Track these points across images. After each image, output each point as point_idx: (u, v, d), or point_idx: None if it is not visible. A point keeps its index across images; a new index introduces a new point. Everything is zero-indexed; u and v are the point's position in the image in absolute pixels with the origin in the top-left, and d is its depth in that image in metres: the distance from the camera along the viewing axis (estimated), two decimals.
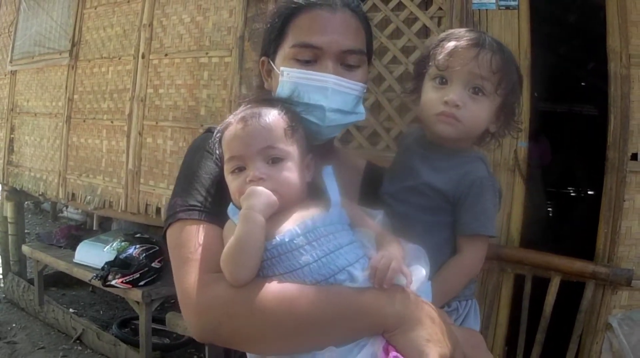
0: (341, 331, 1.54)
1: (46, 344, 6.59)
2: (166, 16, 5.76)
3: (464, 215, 1.88)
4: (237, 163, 1.72)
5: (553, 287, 4.00)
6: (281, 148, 1.70)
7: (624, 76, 3.80)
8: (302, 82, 1.88)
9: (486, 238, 1.92)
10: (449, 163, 1.93)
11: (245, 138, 1.71)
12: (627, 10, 3.80)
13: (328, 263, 1.56)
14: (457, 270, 1.88)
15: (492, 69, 1.85)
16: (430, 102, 1.92)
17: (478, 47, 1.86)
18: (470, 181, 1.87)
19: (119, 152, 6.19)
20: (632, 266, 3.79)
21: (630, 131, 3.80)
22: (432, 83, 1.94)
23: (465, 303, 1.95)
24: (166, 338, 6.56)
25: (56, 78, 7.22)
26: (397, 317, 1.53)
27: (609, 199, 3.86)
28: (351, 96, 1.93)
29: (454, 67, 1.86)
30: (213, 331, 1.60)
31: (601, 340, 3.89)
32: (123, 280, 5.63)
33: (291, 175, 1.70)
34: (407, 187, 1.95)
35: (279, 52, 1.98)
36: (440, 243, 1.90)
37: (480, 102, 1.88)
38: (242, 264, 1.56)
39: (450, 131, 1.88)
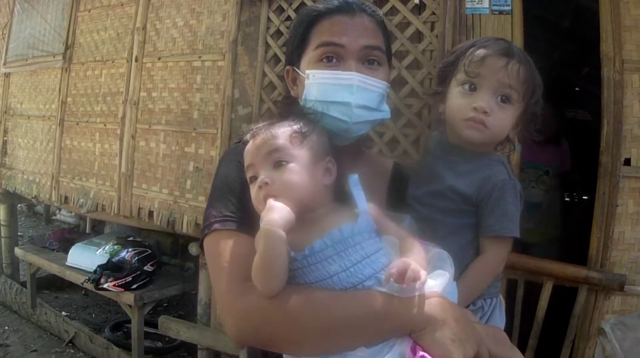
0: (371, 332, 1.62)
1: (39, 347, 6.58)
2: (160, 20, 5.75)
3: (487, 218, 1.95)
4: (252, 172, 1.80)
5: (546, 292, 4.01)
6: (286, 151, 1.76)
7: (617, 81, 3.81)
8: (327, 82, 1.97)
9: (509, 239, 1.99)
10: (471, 167, 2.01)
11: (255, 147, 1.80)
12: (620, 16, 3.80)
13: (356, 273, 1.63)
14: (481, 271, 1.95)
15: (520, 79, 1.93)
16: (459, 107, 1.99)
17: (507, 56, 1.93)
18: (492, 184, 1.95)
19: (112, 155, 6.17)
20: (625, 271, 3.80)
21: (623, 136, 3.80)
22: (461, 89, 2.00)
23: (490, 301, 2.02)
24: (158, 342, 6.56)
25: (50, 81, 7.20)
26: (424, 319, 1.59)
27: (602, 204, 3.86)
28: (375, 93, 2.01)
29: (484, 74, 1.93)
30: (251, 336, 1.72)
31: (594, 345, 3.90)
32: (115, 283, 5.63)
33: (296, 177, 1.74)
34: (432, 191, 2.02)
35: (303, 59, 2.06)
36: (465, 244, 1.98)
37: (506, 110, 1.95)
38: (268, 278, 1.62)
39: (478, 136, 1.96)
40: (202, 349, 5.35)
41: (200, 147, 5.27)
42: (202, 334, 5.23)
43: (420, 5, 4.20)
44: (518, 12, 4.02)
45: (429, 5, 4.15)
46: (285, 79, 2.21)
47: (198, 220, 5.16)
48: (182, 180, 5.40)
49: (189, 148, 5.35)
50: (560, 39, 6.52)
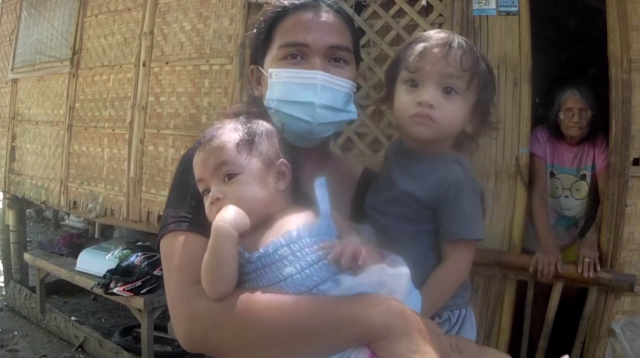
0: (326, 341, 1.53)
1: (48, 352, 6.58)
2: (167, 24, 5.76)
3: (445, 221, 1.85)
4: (203, 186, 1.76)
5: (556, 293, 4.00)
6: (233, 163, 1.71)
7: (625, 81, 3.81)
8: (291, 81, 1.91)
9: (470, 242, 1.89)
10: (425, 168, 1.92)
11: (202, 161, 1.75)
12: (627, 16, 3.80)
13: (311, 275, 1.55)
14: (443, 278, 1.85)
15: (462, 67, 1.85)
16: (403, 105, 1.92)
17: (446, 46, 1.87)
18: (447, 185, 1.85)
19: (121, 160, 6.19)
20: (634, 271, 3.80)
21: (632, 136, 3.80)
22: (404, 86, 1.93)
23: (458, 313, 1.93)
24: (168, 346, 6.54)
25: (57, 86, 7.22)
26: (383, 328, 1.50)
27: (611, 204, 3.86)
28: (341, 93, 1.95)
29: (424, 68, 1.87)
30: (200, 342, 1.63)
31: (604, 346, 3.90)
32: (125, 287, 5.62)
33: (248, 189, 1.70)
34: (387, 198, 1.94)
35: (267, 57, 2.01)
36: (425, 252, 1.88)
37: (453, 101, 1.87)
38: (216, 279, 1.58)
39: (426, 131, 1.88)
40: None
41: None
42: None
43: (427, 7, 4.21)
44: (525, 13, 4.02)
45: (437, 7, 4.16)
46: (250, 78, 2.16)
47: None
48: None
49: None
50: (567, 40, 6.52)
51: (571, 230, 4.61)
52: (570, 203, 4.54)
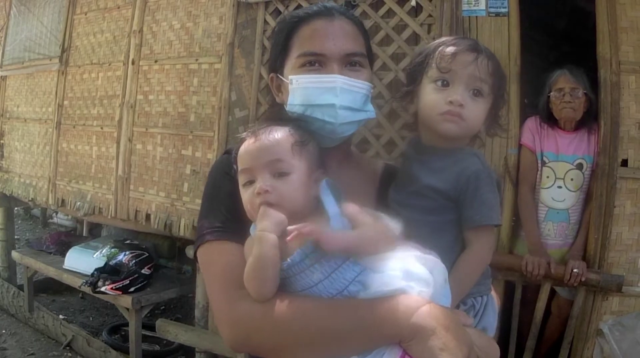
0: (359, 342, 1.63)
1: (36, 350, 6.57)
2: (156, 22, 5.75)
3: (466, 210, 1.94)
4: (248, 176, 1.81)
5: (543, 294, 4.02)
6: (288, 161, 1.79)
7: (614, 82, 3.82)
8: (311, 85, 1.99)
9: (491, 227, 1.99)
10: (445, 163, 2.01)
11: (254, 152, 1.81)
12: (617, 17, 3.82)
13: (338, 278, 1.64)
14: (468, 264, 1.93)
15: (488, 72, 1.98)
16: (433, 102, 2.00)
17: (476, 52, 1.99)
18: (466, 176, 1.95)
19: (109, 158, 6.17)
20: (622, 272, 3.81)
21: (620, 137, 3.82)
22: (434, 85, 2.02)
23: (480, 300, 2.01)
24: (156, 345, 6.55)
25: (46, 84, 7.20)
26: (412, 328, 1.58)
27: (600, 205, 3.87)
28: (359, 94, 2.04)
29: (456, 70, 1.97)
30: (244, 343, 1.78)
31: (592, 346, 3.91)
32: (113, 286, 5.61)
33: (296, 189, 1.77)
34: (410, 192, 2.03)
35: (286, 65, 2.08)
36: (450, 241, 1.97)
37: (479, 103, 2.00)
38: (262, 282, 1.66)
39: (455, 129, 1.99)
40: (200, 352, 5.35)
41: (197, 150, 5.27)
42: (200, 337, 5.23)
43: (417, 7, 4.21)
44: (514, 14, 4.03)
45: (426, 8, 4.16)
46: (270, 86, 2.24)
47: (195, 223, 5.10)
48: (179, 183, 5.40)
49: (186, 150, 5.35)
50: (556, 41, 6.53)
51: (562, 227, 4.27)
52: (563, 194, 4.25)
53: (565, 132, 4.27)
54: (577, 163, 4.22)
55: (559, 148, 4.26)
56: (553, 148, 4.27)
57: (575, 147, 4.23)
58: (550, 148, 4.27)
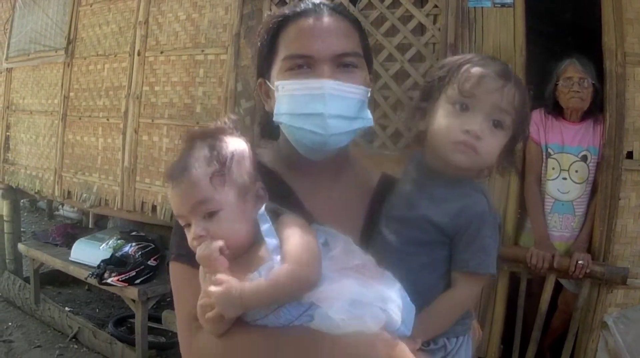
0: None
1: (42, 343, 6.59)
2: (162, 13, 5.75)
3: (462, 252, 1.76)
4: (184, 221, 1.67)
5: (549, 285, 4.01)
6: (212, 199, 1.62)
7: (619, 74, 3.81)
8: (297, 92, 1.80)
9: (484, 276, 1.80)
10: (449, 194, 1.82)
11: (176, 199, 1.67)
12: (622, 9, 3.81)
13: (284, 314, 1.54)
14: (447, 306, 1.78)
15: (514, 104, 1.76)
16: (448, 128, 1.78)
17: (505, 79, 1.77)
18: (469, 216, 1.76)
19: (115, 150, 6.18)
20: (627, 264, 3.81)
21: (625, 129, 3.81)
22: (451, 107, 1.79)
23: (455, 340, 1.82)
24: (162, 337, 6.56)
25: (52, 76, 7.21)
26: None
27: (605, 197, 3.87)
28: (353, 100, 1.82)
29: (479, 96, 1.76)
30: None
31: (597, 338, 3.91)
32: (119, 278, 5.62)
33: (230, 226, 1.63)
34: (404, 218, 1.84)
35: (273, 68, 1.88)
36: (437, 279, 1.80)
37: (497, 136, 1.78)
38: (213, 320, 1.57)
39: (466, 162, 1.77)
40: None
41: None
42: None
43: None
44: (520, 5, 4.02)
45: None
46: (259, 93, 2.00)
47: None
48: None
49: None
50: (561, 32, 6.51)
51: (567, 219, 4.24)
52: (568, 186, 4.22)
53: (570, 124, 4.23)
54: (581, 155, 4.17)
55: (564, 139, 4.22)
56: (558, 139, 4.23)
57: (580, 139, 4.18)
58: (555, 139, 4.24)
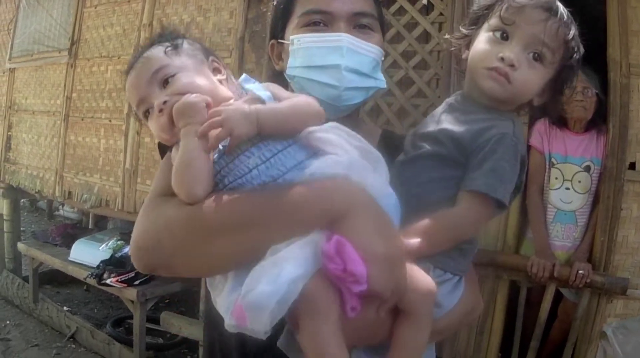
0: (281, 225, 1.40)
1: (40, 342, 6.58)
2: (166, 16, 5.75)
3: (472, 171, 1.67)
4: (144, 106, 1.64)
5: (549, 295, 4.01)
6: (166, 64, 1.62)
7: (623, 85, 3.82)
8: (314, 45, 1.84)
9: (489, 200, 1.66)
10: (477, 117, 1.76)
11: (134, 81, 1.66)
12: (627, 20, 3.82)
13: (276, 164, 1.47)
14: (443, 221, 1.65)
15: (558, 38, 1.70)
16: (484, 53, 1.76)
17: (549, 12, 1.70)
18: (489, 134, 1.68)
19: (117, 151, 6.19)
20: (628, 275, 3.81)
21: (628, 140, 3.82)
22: (491, 35, 1.77)
23: (440, 273, 1.69)
24: (160, 338, 6.55)
25: (55, 76, 7.21)
26: (343, 203, 1.41)
27: (606, 207, 3.87)
28: (368, 58, 1.87)
29: (519, 24, 1.71)
30: (153, 251, 1.53)
31: (595, 348, 3.90)
32: (118, 278, 5.62)
33: (190, 83, 1.59)
34: (425, 133, 1.80)
35: (288, 28, 1.92)
36: (443, 199, 1.69)
37: (536, 69, 1.72)
38: (189, 180, 1.48)
39: (498, 90, 1.72)
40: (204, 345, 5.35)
41: None
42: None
43: (428, 5, 4.19)
44: None
45: (437, 6, 4.14)
46: (270, 55, 2.06)
47: None
48: None
49: None
50: None
51: (569, 229, 4.22)
52: (571, 196, 4.21)
53: (573, 134, 4.24)
54: (584, 166, 4.18)
55: (567, 149, 4.23)
56: (561, 149, 4.24)
57: (583, 149, 4.19)
58: (558, 149, 4.25)
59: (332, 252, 1.32)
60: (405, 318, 1.49)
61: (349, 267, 1.31)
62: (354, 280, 1.32)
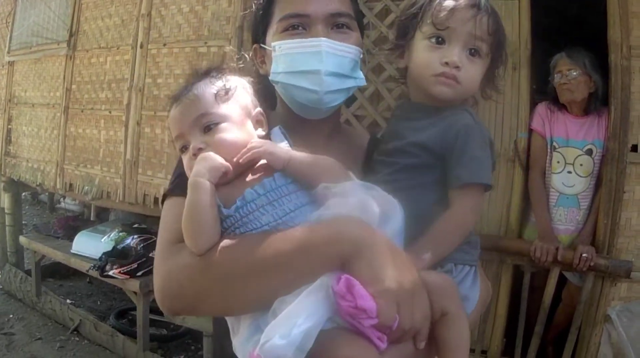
0: (295, 269, 1.49)
1: (43, 335, 6.59)
2: (165, 6, 5.72)
3: (453, 168, 1.76)
4: (182, 142, 1.73)
5: (552, 279, 4.01)
6: (213, 113, 1.69)
7: (624, 67, 3.81)
8: (295, 51, 1.87)
9: (479, 187, 1.78)
10: (434, 120, 1.85)
11: (178, 116, 1.73)
12: (628, 2, 3.80)
13: (288, 222, 1.54)
14: (447, 224, 1.74)
15: (488, 30, 1.82)
16: (427, 62, 1.85)
17: (476, 8, 1.82)
18: (455, 130, 1.78)
19: (117, 142, 6.17)
20: (631, 258, 3.81)
21: (630, 122, 3.81)
22: (428, 42, 1.86)
23: (461, 268, 1.80)
24: (163, 329, 6.56)
25: (54, 68, 7.19)
26: (351, 243, 1.48)
27: (609, 190, 3.86)
28: (346, 59, 1.91)
29: (453, 27, 1.81)
30: (176, 300, 1.61)
31: (600, 331, 3.90)
32: (121, 270, 5.61)
33: (229, 136, 1.67)
34: (393, 150, 1.89)
35: (269, 33, 1.96)
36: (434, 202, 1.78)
37: (476, 63, 1.85)
38: (197, 231, 1.56)
39: (449, 92, 1.83)
40: (208, 336, 5.35)
41: None
42: (208, 321, 5.23)
43: None
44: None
45: None
46: (253, 60, 2.08)
47: None
48: None
49: None
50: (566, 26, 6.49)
51: (572, 213, 4.23)
52: (573, 180, 4.21)
53: (575, 118, 4.22)
54: (586, 149, 4.16)
55: (568, 133, 4.22)
56: (563, 133, 4.23)
57: (585, 133, 4.18)
58: (560, 133, 4.24)
59: (343, 290, 1.40)
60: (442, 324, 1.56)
61: (359, 303, 1.39)
62: (366, 316, 1.39)
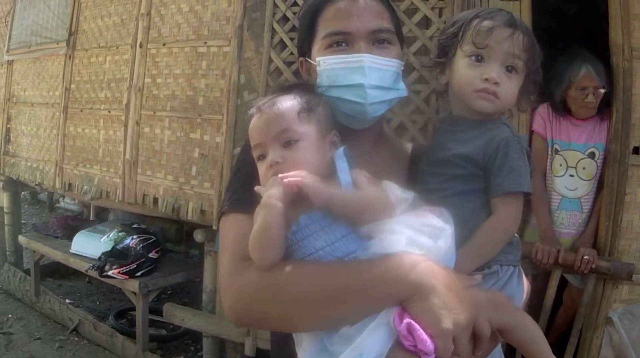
0: (358, 302, 1.60)
1: (42, 335, 6.59)
2: (164, 5, 5.70)
3: (495, 177, 1.94)
4: (260, 151, 1.82)
5: (553, 281, 4.00)
6: (295, 130, 1.78)
7: (626, 69, 3.81)
8: (338, 66, 1.98)
9: (519, 195, 1.96)
10: (475, 132, 2.02)
11: (261, 126, 1.82)
12: (629, 4, 3.80)
13: (340, 247, 1.64)
14: (491, 230, 1.92)
15: (524, 48, 1.98)
16: (468, 79, 2.01)
17: (513, 27, 1.98)
18: (496, 143, 1.95)
19: (117, 142, 6.15)
20: (633, 260, 3.81)
21: (632, 124, 3.81)
22: (468, 60, 2.02)
23: (507, 269, 1.97)
24: (163, 330, 6.57)
25: (53, 68, 7.17)
26: (411, 285, 1.57)
27: (611, 192, 3.86)
28: (388, 72, 2.02)
29: (492, 46, 1.97)
30: (246, 315, 1.75)
31: (601, 334, 3.90)
32: (120, 270, 5.62)
33: (307, 155, 1.77)
34: (439, 161, 2.04)
35: (313, 48, 2.08)
36: (476, 209, 1.96)
37: (513, 79, 2.00)
38: (265, 249, 1.66)
39: (490, 107, 2.00)
40: (207, 337, 5.35)
41: (205, 133, 5.24)
42: (207, 321, 5.22)
43: None
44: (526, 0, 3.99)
45: None
46: (300, 71, 2.24)
47: (203, 207, 5.13)
48: (187, 167, 5.37)
49: (194, 134, 5.32)
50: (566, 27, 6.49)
51: (575, 216, 4.21)
52: (575, 183, 4.20)
53: (577, 121, 4.21)
54: (589, 152, 4.16)
55: (570, 136, 4.22)
56: (564, 136, 4.23)
57: (587, 136, 4.17)
58: (561, 136, 4.24)
59: (404, 332, 1.53)
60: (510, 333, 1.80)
61: (419, 346, 1.51)
62: (425, 353, 1.52)
